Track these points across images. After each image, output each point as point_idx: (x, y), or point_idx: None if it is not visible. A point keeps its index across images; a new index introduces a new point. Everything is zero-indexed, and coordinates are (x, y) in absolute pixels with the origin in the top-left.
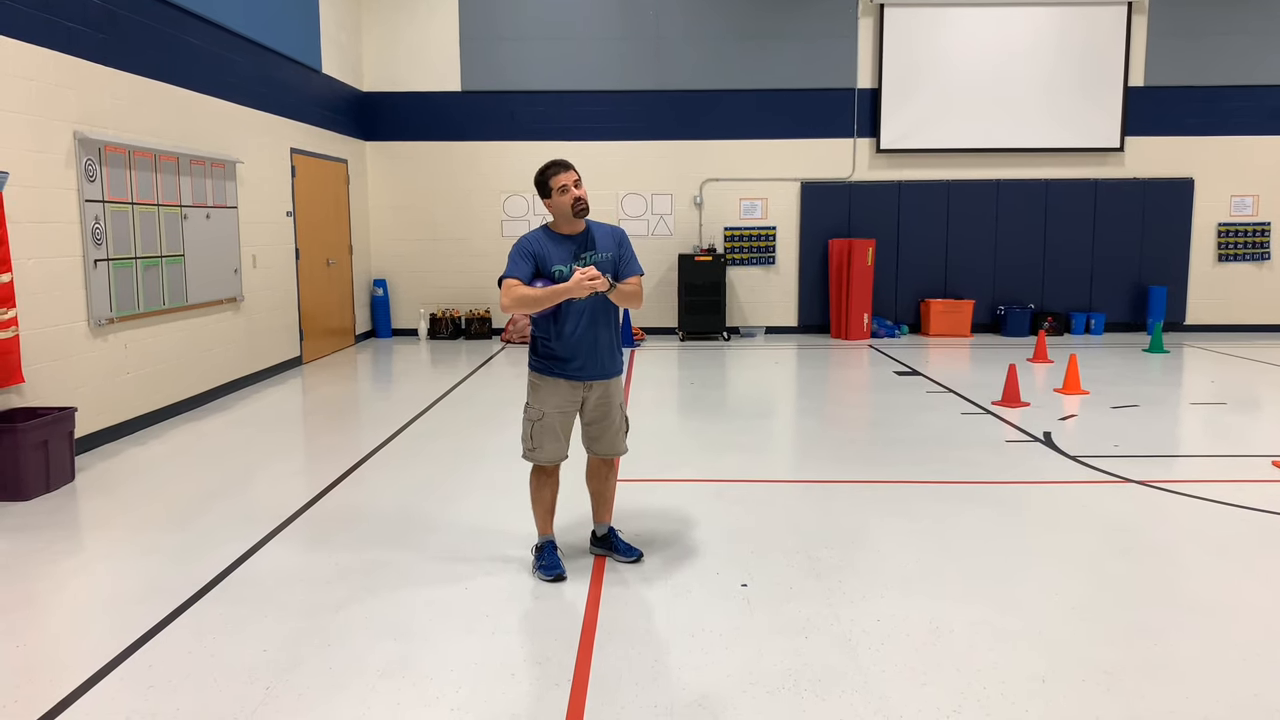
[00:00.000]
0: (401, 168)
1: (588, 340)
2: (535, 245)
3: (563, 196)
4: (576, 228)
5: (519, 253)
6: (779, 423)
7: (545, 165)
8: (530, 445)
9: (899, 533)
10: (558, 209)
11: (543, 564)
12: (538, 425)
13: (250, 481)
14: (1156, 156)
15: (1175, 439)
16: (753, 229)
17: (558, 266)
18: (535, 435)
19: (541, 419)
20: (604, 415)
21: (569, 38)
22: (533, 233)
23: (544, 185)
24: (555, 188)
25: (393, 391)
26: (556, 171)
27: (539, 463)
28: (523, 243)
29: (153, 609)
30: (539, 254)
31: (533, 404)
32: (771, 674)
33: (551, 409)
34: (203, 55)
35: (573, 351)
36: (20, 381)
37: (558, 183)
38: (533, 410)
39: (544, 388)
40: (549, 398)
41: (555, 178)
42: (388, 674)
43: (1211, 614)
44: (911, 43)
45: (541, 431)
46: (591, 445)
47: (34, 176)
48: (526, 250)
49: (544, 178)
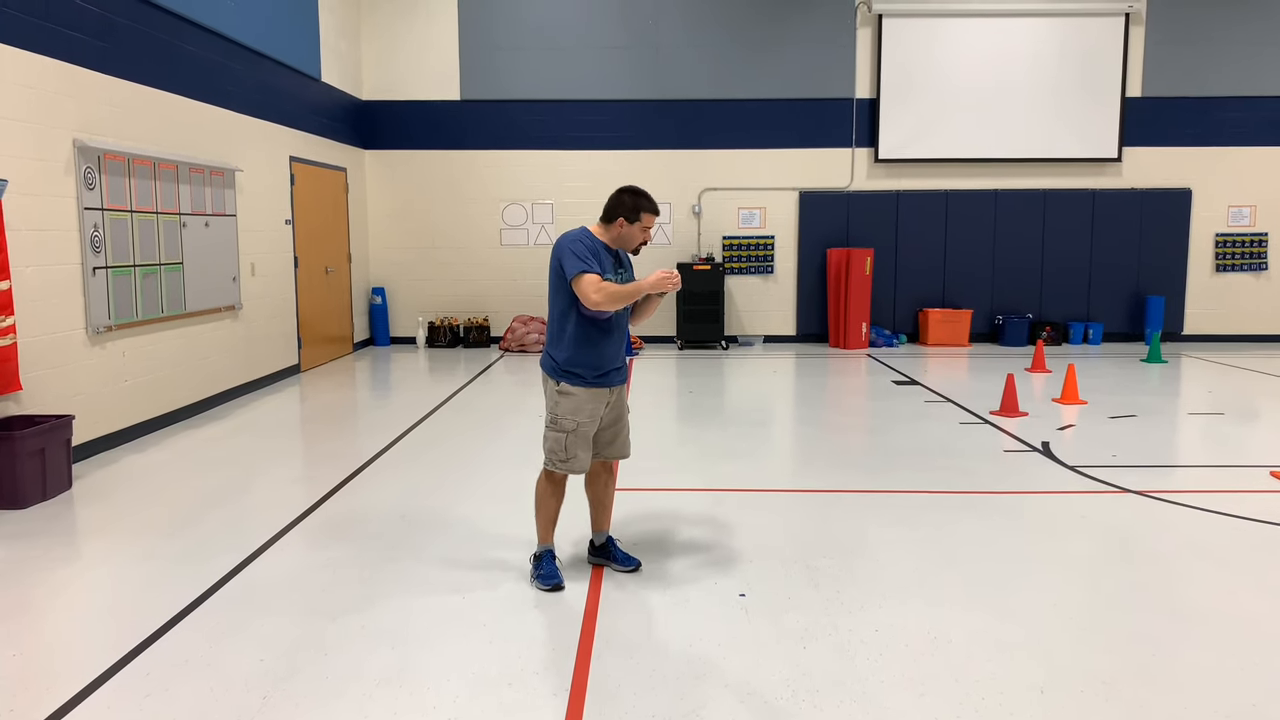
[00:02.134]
0: (400, 176)
1: (620, 348)
2: (596, 245)
3: (643, 234)
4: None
5: (587, 251)
6: (777, 432)
7: (641, 193)
8: (564, 457)
9: (897, 542)
10: (626, 236)
11: (541, 573)
12: (573, 436)
13: (248, 489)
14: (1154, 167)
15: (1173, 449)
16: (751, 238)
17: (607, 275)
18: (570, 446)
19: (577, 429)
20: (619, 418)
21: (568, 47)
22: (582, 233)
23: (634, 212)
24: (644, 224)
25: (391, 399)
26: (650, 208)
27: (573, 472)
28: (585, 241)
29: (150, 617)
30: (597, 255)
31: (567, 415)
32: (770, 684)
33: (586, 418)
34: (202, 63)
35: (611, 358)
36: (18, 389)
37: (648, 220)
38: (568, 421)
39: (583, 397)
40: (584, 406)
41: (647, 214)
42: (385, 682)
43: (1209, 623)
44: (910, 53)
45: (576, 442)
46: (606, 449)
47: (33, 184)
48: (591, 249)
49: (638, 207)
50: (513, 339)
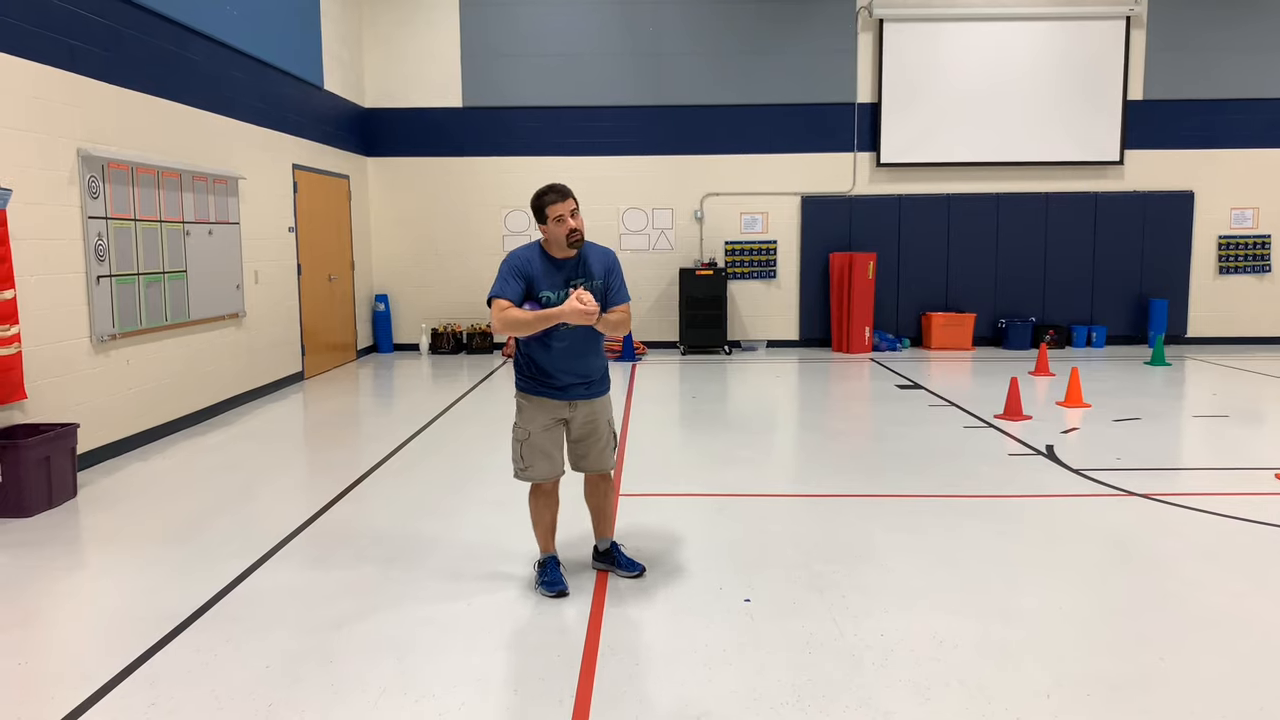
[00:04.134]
0: (403, 183)
1: (574, 362)
2: (526, 266)
3: (558, 226)
4: (570, 253)
5: (510, 271)
6: (781, 436)
7: (542, 190)
8: (522, 465)
9: (902, 547)
10: (552, 236)
11: (545, 580)
12: (525, 445)
13: (252, 497)
14: (1156, 169)
15: (1178, 452)
16: (753, 243)
17: (546, 292)
18: (525, 455)
19: (528, 438)
20: (590, 433)
21: (569, 54)
22: (525, 249)
23: (540, 211)
24: (551, 216)
25: (394, 407)
26: (554, 200)
27: (533, 480)
28: (514, 260)
29: (154, 626)
30: (530, 275)
31: (519, 423)
32: (775, 689)
33: (538, 428)
34: (205, 72)
35: (559, 372)
36: (23, 398)
37: (554, 211)
38: (519, 430)
39: (530, 407)
40: (535, 416)
41: (552, 206)
42: (389, 691)
43: (1215, 627)
44: (911, 57)
45: (531, 451)
46: (578, 463)
47: (37, 193)
48: (517, 269)
49: (540, 204)
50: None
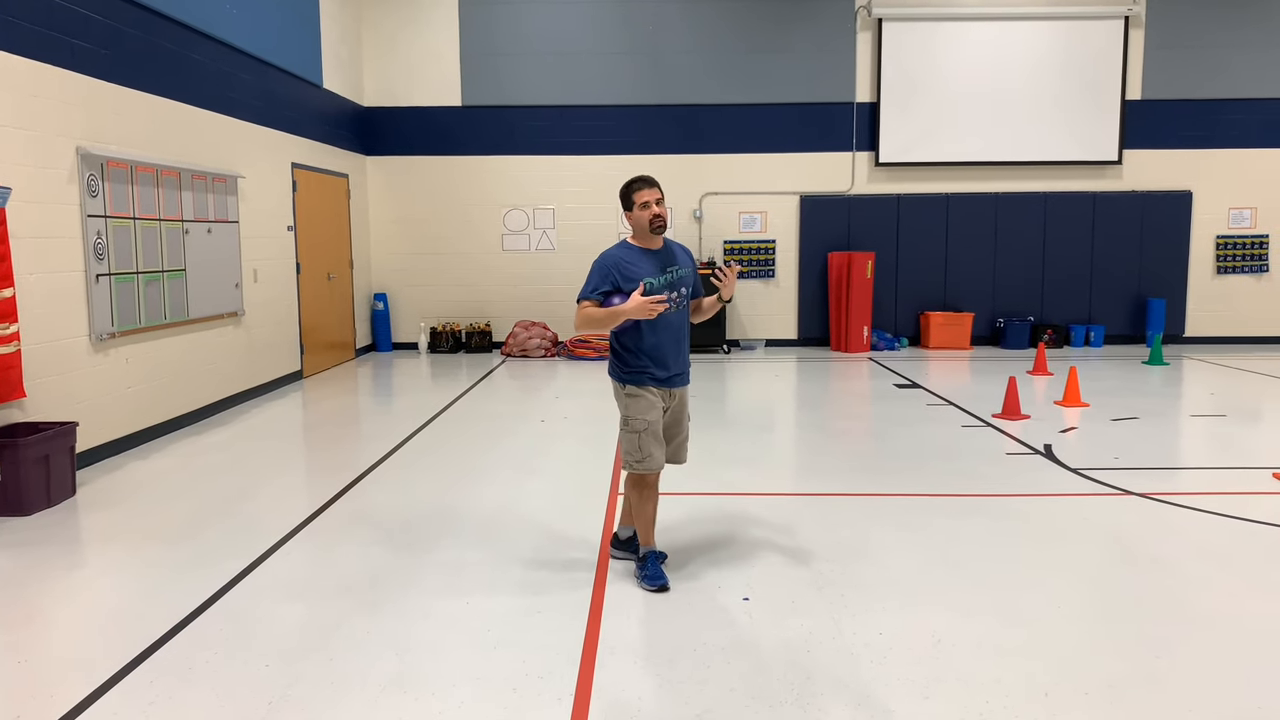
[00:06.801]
0: (402, 182)
1: (676, 350)
2: (618, 262)
3: (643, 212)
4: (656, 243)
5: (599, 271)
6: (780, 436)
7: (632, 179)
8: (639, 456)
9: (900, 545)
10: (637, 223)
11: (646, 574)
12: (644, 435)
13: (252, 495)
14: (1155, 169)
15: (1176, 451)
16: (752, 242)
17: (649, 279)
18: (644, 445)
19: (648, 429)
20: (677, 421)
21: (569, 53)
22: (615, 249)
23: (627, 198)
24: (638, 202)
25: (393, 405)
26: (641, 187)
27: (650, 470)
28: (606, 260)
29: (154, 624)
30: (624, 269)
31: (637, 415)
32: (774, 688)
33: (654, 416)
34: (205, 71)
35: (666, 361)
36: (22, 396)
37: (641, 198)
38: (638, 421)
39: (645, 397)
40: (653, 405)
41: (639, 192)
42: (390, 688)
43: (1213, 626)
44: (910, 57)
45: (650, 440)
46: None
47: (37, 192)
48: (608, 269)
49: (629, 191)
50: (514, 344)
